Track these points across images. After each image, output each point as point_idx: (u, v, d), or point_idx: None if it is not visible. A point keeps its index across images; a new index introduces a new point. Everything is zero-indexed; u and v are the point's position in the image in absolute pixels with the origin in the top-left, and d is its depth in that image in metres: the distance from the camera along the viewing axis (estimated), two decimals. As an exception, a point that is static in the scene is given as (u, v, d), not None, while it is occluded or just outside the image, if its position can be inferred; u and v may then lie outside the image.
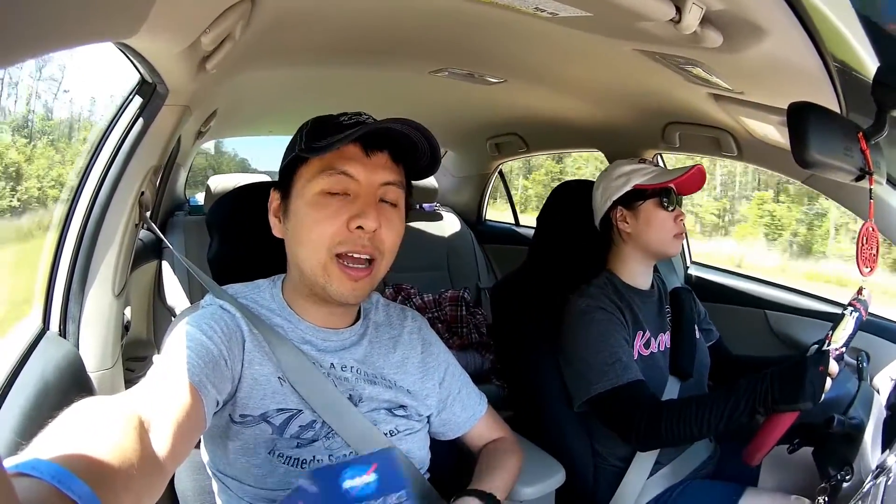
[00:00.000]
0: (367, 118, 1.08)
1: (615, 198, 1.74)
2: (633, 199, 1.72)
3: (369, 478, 0.82)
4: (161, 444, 0.69)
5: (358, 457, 0.85)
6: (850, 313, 1.38)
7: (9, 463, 0.50)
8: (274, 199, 1.13)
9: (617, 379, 1.54)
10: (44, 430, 0.59)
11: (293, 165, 1.07)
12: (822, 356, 1.32)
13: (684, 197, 1.77)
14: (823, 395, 1.31)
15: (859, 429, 1.38)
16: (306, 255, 1.03)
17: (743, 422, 1.36)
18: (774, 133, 1.66)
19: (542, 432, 1.72)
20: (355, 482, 0.81)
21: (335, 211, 1.01)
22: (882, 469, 1.12)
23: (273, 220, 1.13)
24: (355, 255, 1.01)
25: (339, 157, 1.02)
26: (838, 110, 1.26)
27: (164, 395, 0.79)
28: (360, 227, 1.00)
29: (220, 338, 0.97)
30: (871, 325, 1.79)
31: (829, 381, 1.31)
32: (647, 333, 1.70)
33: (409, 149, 1.07)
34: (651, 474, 1.67)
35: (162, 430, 0.71)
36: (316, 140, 1.02)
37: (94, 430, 0.60)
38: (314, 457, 1.04)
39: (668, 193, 1.69)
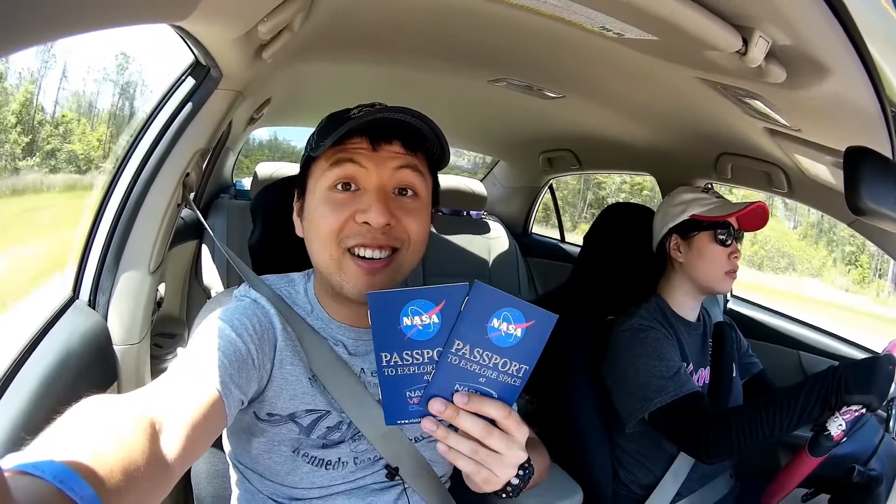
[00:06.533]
0: (382, 108, 1.02)
1: (671, 225, 1.72)
2: (688, 228, 1.70)
3: (430, 319, 0.73)
4: (172, 446, 0.67)
5: (425, 288, 0.72)
6: None
7: (12, 461, 0.49)
8: (296, 199, 1.11)
9: (676, 391, 1.52)
10: (50, 424, 0.58)
11: (308, 164, 1.06)
12: (892, 357, 1.32)
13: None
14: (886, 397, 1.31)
15: (878, 481, 1.41)
16: (318, 251, 1.01)
17: (814, 417, 1.34)
18: (826, 174, 1.61)
19: (565, 452, 1.71)
20: (413, 321, 0.73)
21: (342, 205, 0.98)
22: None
23: (296, 221, 1.11)
24: (367, 250, 0.97)
25: (345, 151, 0.99)
26: (891, 156, 1.21)
27: (183, 395, 0.78)
28: (367, 223, 0.96)
29: (251, 336, 0.95)
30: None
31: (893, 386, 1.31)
32: (690, 366, 1.68)
33: (420, 141, 1.02)
34: None
35: (175, 431, 0.70)
36: (324, 137, 0.98)
37: (100, 430, 0.58)
38: (339, 458, 1.03)
39: (726, 228, 1.66)
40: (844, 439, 1.34)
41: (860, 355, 2.08)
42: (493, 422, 0.77)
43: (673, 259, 1.73)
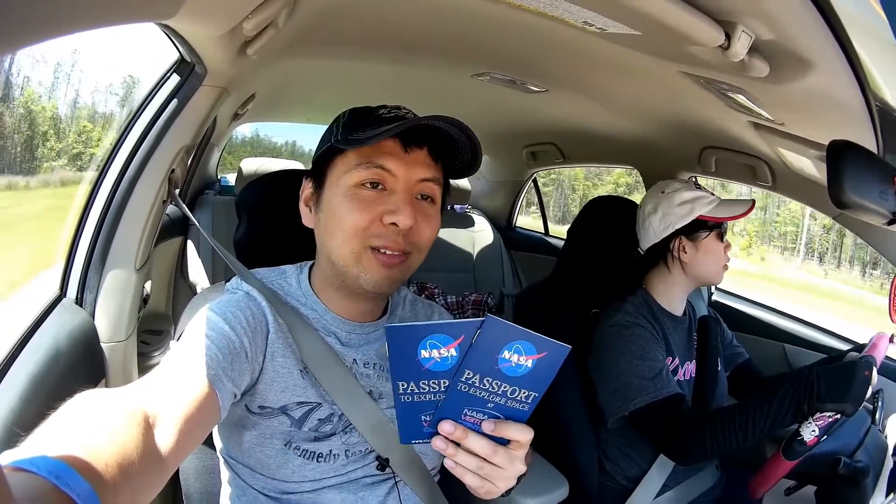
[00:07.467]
0: (407, 112, 1.06)
1: (678, 226, 1.70)
2: (695, 229, 1.70)
3: (448, 352, 0.74)
4: (166, 440, 0.68)
5: (445, 323, 0.74)
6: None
7: (7, 458, 0.49)
8: (306, 187, 1.11)
9: (656, 393, 1.54)
10: (44, 420, 0.58)
11: (328, 156, 1.05)
12: (869, 361, 1.31)
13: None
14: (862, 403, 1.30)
15: (864, 473, 1.40)
16: (338, 245, 1.01)
17: (787, 423, 1.34)
18: (810, 167, 1.64)
19: (551, 444, 1.71)
20: (432, 354, 0.74)
21: (369, 203, 0.99)
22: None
23: (304, 209, 1.11)
24: (389, 251, 0.99)
25: (376, 151, 0.99)
26: (875, 150, 1.23)
27: (176, 388, 0.78)
28: (393, 224, 0.98)
29: (244, 328, 0.96)
30: (884, 369, 1.74)
31: (869, 390, 1.29)
32: (676, 360, 1.70)
33: (449, 146, 1.04)
34: (656, 496, 1.68)
35: (168, 426, 0.70)
36: (353, 132, 0.99)
37: (95, 425, 0.58)
38: (331, 451, 1.03)
39: (724, 226, 1.69)
40: (825, 438, 1.34)
41: (844, 347, 2.09)
42: (507, 441, 0.81)
43: (679, 259, 1.73)
